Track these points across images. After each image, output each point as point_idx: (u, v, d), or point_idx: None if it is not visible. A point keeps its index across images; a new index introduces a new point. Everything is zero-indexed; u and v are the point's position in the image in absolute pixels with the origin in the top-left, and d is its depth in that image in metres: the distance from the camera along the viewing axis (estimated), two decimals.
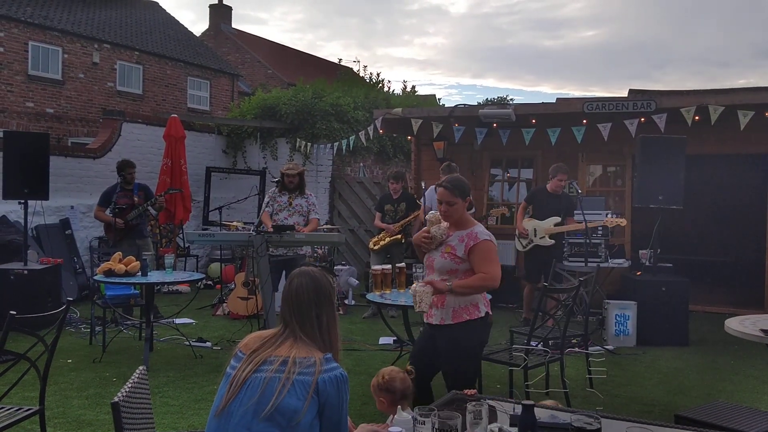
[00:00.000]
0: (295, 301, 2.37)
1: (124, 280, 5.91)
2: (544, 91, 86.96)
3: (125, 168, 7.69)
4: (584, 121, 8.38)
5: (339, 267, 9.50)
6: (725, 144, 8.54)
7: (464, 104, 9.61)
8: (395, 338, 6.33)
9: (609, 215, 7.81)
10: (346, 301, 9.10)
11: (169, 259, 6.32)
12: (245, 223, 10.65)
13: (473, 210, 7.87)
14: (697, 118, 7.71)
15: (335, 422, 2.23)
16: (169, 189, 8.97)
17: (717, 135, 8.26)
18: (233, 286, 8.76)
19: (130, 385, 2.35)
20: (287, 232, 6.47)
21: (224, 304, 8.48)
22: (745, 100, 7.71)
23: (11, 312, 3.24)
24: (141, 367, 2.57)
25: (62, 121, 16.77)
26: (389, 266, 5.48)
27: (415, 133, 9.54)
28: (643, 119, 8.01)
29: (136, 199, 7.60)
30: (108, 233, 7.70)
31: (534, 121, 8.74)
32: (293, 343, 2.29)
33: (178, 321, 7.37)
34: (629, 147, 8.74)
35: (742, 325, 4.05)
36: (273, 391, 2.16)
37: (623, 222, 7.72)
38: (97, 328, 6.66)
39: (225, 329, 7.46)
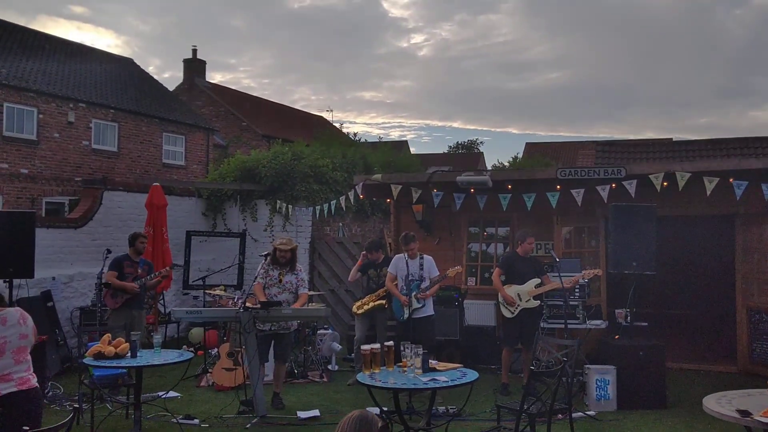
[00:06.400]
0: None
1: (114, 364, 5.94)
2: (512, 132, 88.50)
3: (137, 238, 8.07)
4: (558, 187, 8.69)
5: (321, 331, 9.55)
6: (693, 206, 8.84)
7: (441, 170, 9.88)
8: (380, 408, 6.40)
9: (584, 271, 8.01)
10: (330, 367, 9.15)
11: (157, 338, 6.37)
12: (226, 287, 10.71)
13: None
14: (665, 184, 8.05)
15: None
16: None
17: (685, 198, 8.57)
18: (216, 351, 8.75)
19: None
20: (274, 308, 6.60)
21: (208, 374, 8.48)
22: (711, 167, 8.11)
23: None
24: None
25: (36, 181, 16.71)
26: (378, 345, 5.62)
27: (395, 198, 9.76)
28: (614, 185, 8.34)
29: (140, 270, 7.93)
30: (108, 299, 7.79)
31: (510, 186, 9.02)
32: None
33: (162, 394, 7.34)
34: (602, 208, 9.05)
35: (719, 404, 4.30)
36: None
37: (599, 271, 7.89)
38: (84, 406, 6.62)
39: (211, 403, 7.47)
